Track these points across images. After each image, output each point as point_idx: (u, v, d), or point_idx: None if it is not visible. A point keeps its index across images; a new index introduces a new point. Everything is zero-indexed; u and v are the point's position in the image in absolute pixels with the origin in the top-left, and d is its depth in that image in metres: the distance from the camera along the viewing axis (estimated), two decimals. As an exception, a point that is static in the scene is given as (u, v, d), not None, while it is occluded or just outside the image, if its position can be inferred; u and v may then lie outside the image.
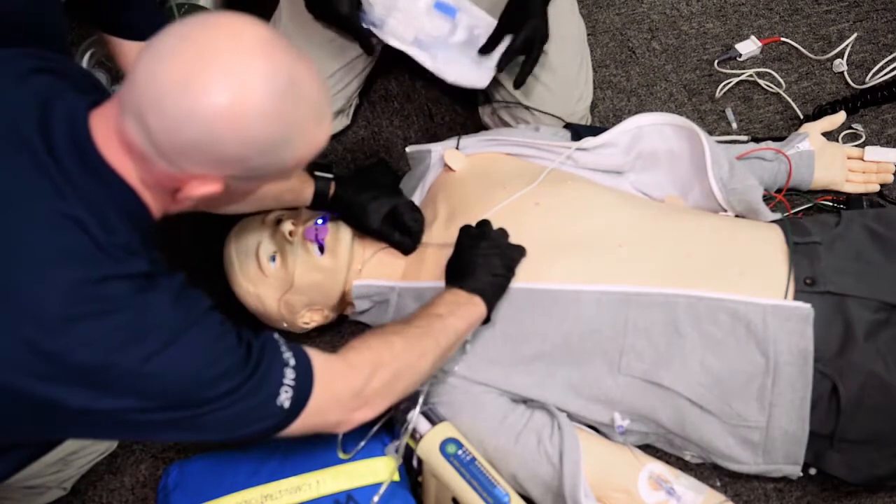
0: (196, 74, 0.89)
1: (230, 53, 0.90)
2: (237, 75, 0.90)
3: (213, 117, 0.89)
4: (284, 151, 0.96)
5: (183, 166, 0.93)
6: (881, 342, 1.31)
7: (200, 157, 0.92)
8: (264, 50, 0.92)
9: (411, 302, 1.40)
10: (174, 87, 0.89)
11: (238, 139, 0.91)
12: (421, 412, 1.31)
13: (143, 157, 0.94)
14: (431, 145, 1.59)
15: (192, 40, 0.91)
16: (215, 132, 0.90)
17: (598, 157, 1.55)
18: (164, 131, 0.90)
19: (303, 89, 0.94)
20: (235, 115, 0.90)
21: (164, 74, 0.89)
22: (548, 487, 1.33)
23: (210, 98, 0.89)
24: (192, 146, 0.91)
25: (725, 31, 1.96)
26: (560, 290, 1.34)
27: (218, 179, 0.95)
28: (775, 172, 1.63)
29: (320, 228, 1.42)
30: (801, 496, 1.44)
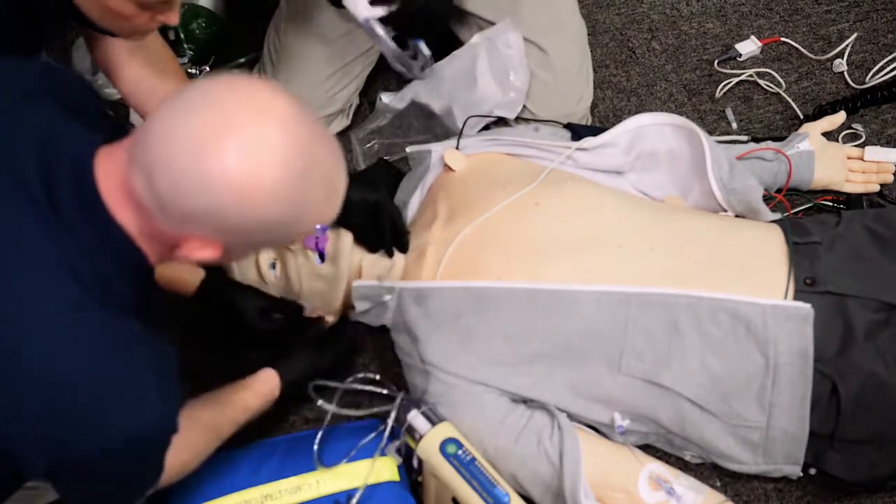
0: (212, 143, 0.87)
1: (251, 126, 0.88)
2: (255, 152, 0.87)
3: (223, 191, 0.87)
4: (290, 228, 0.95)
5: (185, 229, 0.92)
6: (881, 342, 1.31)
7: (204, 225, 0.91)
8: (286, 127, 0.89)
9: (411, 302, 1.40)
10: (188, 151, 0.87)
11: (246, 216, 0.89)
12: (421, 412, 1.31)
13: (146, 210, 0.92)
14: (431, 145, 1.59)
15: (214, 105, 0.88)
16: (223, 205, 0.88)
17: (598, 157, 1.55)
18: (171, 194, 0.89)
19: (318, 171, 0.93)
20: (247, 194, 0.88)
21: (180, 137, 0.87)
22: (548, 487, 1.33)
23: (224, 171, 0.87)
24: (198, 214, 0.89)
25: (725, 31, 1.95)
26: (560, 290, 1.34)
27: (218, 245, 0.94)
28: (775, 172, 1.63)
29: (320, 237, 1.42)
30: (801, 496, 1.44)
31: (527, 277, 1.36)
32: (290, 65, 1.71)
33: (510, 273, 1.37)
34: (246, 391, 1.29)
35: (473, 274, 1.38)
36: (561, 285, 1.35)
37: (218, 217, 0.89)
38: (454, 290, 1.37)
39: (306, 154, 0.90)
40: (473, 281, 1.37)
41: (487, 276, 1.37)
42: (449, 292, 1.37)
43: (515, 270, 1.37)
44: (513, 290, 1.35)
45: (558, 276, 1.36)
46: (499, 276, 1.37)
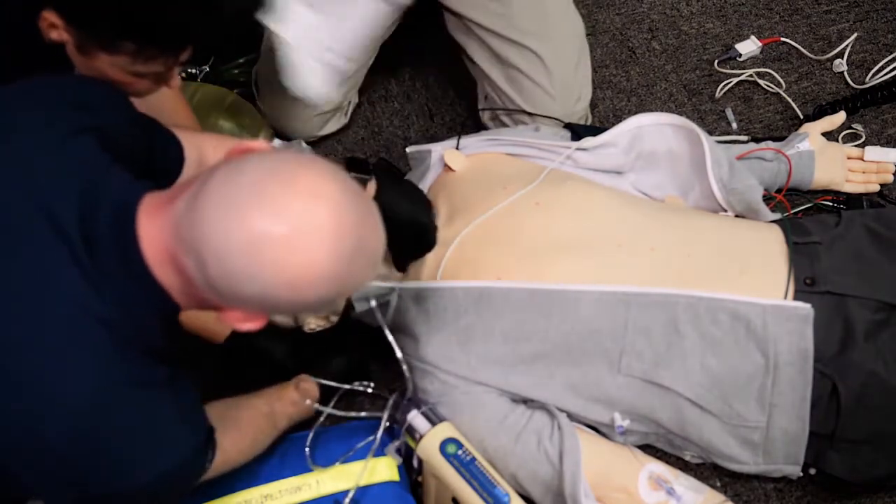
0: (266, 237, 0.87)
1: (302, 217, 0.88)
2: (306, 243, 0.88)
3: (275, 281, 0.89)
4: (335, 301, 0.99)
5: (231, 305, 0.94)
6: (881, 342, 1.31)
7: (254, 305, 0.93)
8: (336, 213, 0.89)
9: (411, 302, 1.40)
10: (242, 247, 0.87)
11: (296, 299, 0.91)
12: (421, 412, 1.31)
13: (192, 281, 0.93)
14: (431, 145, 1.59)
15: (265, 197, 0.88)
16: (275, 292, 0.90)
17: (598, 157, 1.55)
18: (222, 281, 0.90)
19: (365, 249, 0.93)
20: (298, 282, 0.89)
21: (233, 232, 0.88)
22: (548, 487, 1.33)
23: (276, 263, 0.88)
24: (250, 299, 0.91)
25: (725, 31, 1.96)
26: (560, 290, 1.34)
27: (263, 318, 0.96)
28: (775, 172, 1.63)
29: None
30: (801, 496, 1.44)
31: (527, 277, 1.36)
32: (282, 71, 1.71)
33: (510, 273, 1.37)
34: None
35: (473, 274, 1.38)
36: (561, 285, 1.35)
37: (269, 301, 0.91)
38: (454, 290, 1.37)
39: (354, 236, 0.91)
40: (473, 281, 1.37)
41: (487, 276, 1.37)
42: (449, 292, 1.37)
43: (515, 270, 1.37)
44: (513, 289, 1.35)
45: (558, 276, 1.36)
46: (499, 275, 1.37)
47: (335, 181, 0.92)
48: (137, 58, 1.08)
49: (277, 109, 1.77)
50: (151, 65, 1.10)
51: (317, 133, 1.80)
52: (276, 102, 1.76)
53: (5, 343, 0.90)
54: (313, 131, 1.79)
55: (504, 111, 1.68)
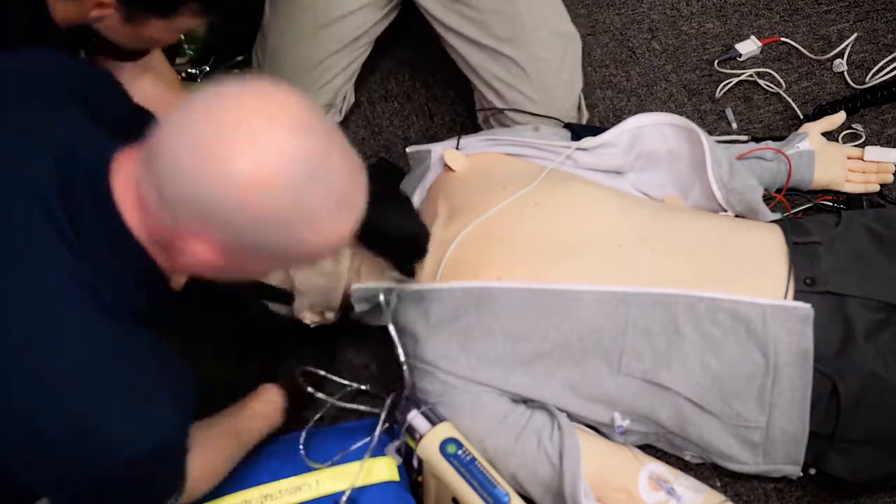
0: (219, 141, 0.85)
1: (261, 125, 0.86)
2: (262, 149, 0.85)
3: (225, 184, 0.85)
4: (295, 236, 0.90)
5: (186, 226, 0.90)
6: (881, 342, 1.31)
7: (205, 221, 0.88)
8: (297, 128, 0.87)
9: (411, 302, 1.40)
10: (195, 150, 0.86)
11: (246, 211, 0.86)
12: (421, 412, 1.31)
13: (151, 212, 0.91)
14: (431, 145, 1.59)
15: (226, 106, 0.87)
16: (224, 199, 0.86)
17: (598, 157, 1.55)
18: (171, 187, 0.87)
19: (329, 178, 0.89)
20: (248, 187, 0.85)
21: (188, 137, 0.86)
22: (548, 487, 1.33)
23: (228, 166, 0.85)
24: (198, 207, 0.87)
25: (725, 31, 1.95)
26: (560, 289, 1.34)
27: (214, 244, 0.90)
28: (775, 172, 1.63)
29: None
30: (801, 496, 1.44)
31: (527, 277, 1.36)
32: (272, 62, 1.72)
33: (510, 273, 1.37)
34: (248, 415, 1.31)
35: (473, 274, 1.38)
36: (561, 285, 1.35)
37: (219, 213, 0.87)
38: (454, 291, 1.37)
39: (316, 158, 0.87)
40: (474, 281, 1.37)
41: (487, 276, 1.37)
42: (449, 292, 1.37)
43: (515, 270, 1.37)
44: (513, 289, 1.35)
45: (558, 276, 1.36)
46: (499, 275, 1.37)
47: (305, 104, 0.89)
48: (197, 16, 1.14)
49: None
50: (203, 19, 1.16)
51: None
52: None
53: (4, 343, 0.90)
54: None
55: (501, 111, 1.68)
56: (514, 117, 1.68)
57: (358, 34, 1.71)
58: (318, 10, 1.67)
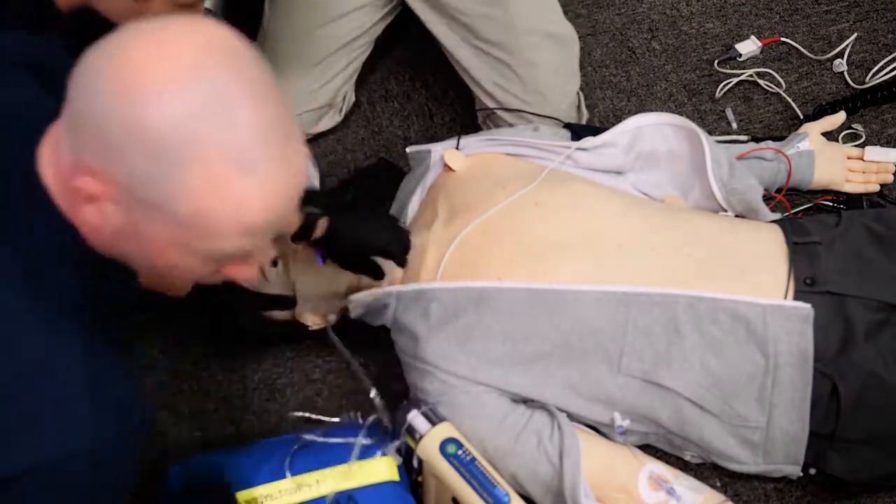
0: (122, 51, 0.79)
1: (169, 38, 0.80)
2: (163, 57, 0.78)
3: (111, 83, 0.78)
4: (174, 174, 0.79)
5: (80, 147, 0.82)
6: (881, 342, 1.31)
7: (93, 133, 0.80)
8: (208, 47, 0.80)
9: (411, 303, 1.40)
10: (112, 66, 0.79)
11: (128, 121, 0.78)
12: (421, 412, 1.31)
13: (58, 146, 0.84)
14: (431, 145, 1.59)
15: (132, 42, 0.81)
16: (110, 104, 0.78)
17: (597, 157, 1.55)
18: (76, 98, 0.81)
19: (230, 117, 0.79)
20: (133, 88, 0.77)
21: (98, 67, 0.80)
22: (548, 487, 1.33)
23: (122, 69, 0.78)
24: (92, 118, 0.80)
25: (725, 31, 1.96)
26: (560, 289, 1.34)
27: (105, 183, 0.81)
28: (775, 172, 1.63)
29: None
30: (801, 496, 1.44)
31: (527, 277, 1.36)
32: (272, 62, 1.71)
33: (510, 273, 1.37)
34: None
35: (473, 274, 1.38)
36: (561, 285, 1.35)
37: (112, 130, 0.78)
38: (454, 291, 1.37)
39: (219, 82, 0.79)
40: (473, 281, 1.37)
41: (488, 276, 1.37)
42: (449, 293, 1.37)
43: (515, 270, 1.37)
44: (513, 289, 1.35)
45: (558, 276, 1.36)
46: (499, 276, 1.37)
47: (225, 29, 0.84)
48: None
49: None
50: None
51: (310, 131, 1.80)
52: None
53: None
54: (306, 128, 1.79)
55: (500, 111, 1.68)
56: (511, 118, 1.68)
57: (357, 34, 1.71)
58: (318, 11, 1.67)
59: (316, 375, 1.58)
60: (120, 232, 0.85)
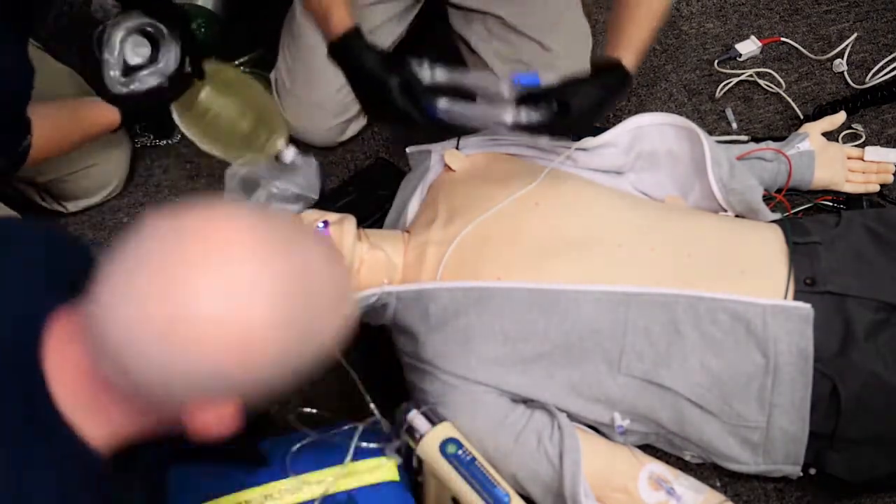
0: (182, 312, 0.71)
1: (216, 271, 0.72)
2: (232, 297, 0.71)
3: (211, 349, 0.72)
4: (305, 350, 0.78)
5: (183, 402, 0.76)
6: (881, 342, 1.31)
7: (204, 391, 0.75)
8: (255, 251, 0.73)
9: (411, 303, 1.40)
10: (153, 324, 0.71)
11: (251, 368, 0.74)
12: (421, 412, 1.31)
13: (121, 394, 0.76)
14: (431, 145, 1.59)
15: (163, 264, 0.72)
16: (220, 367, 0.73)
17: (597, 157, 1.55)
18: (151, 374, 0.73)
19: (313, 279, 0.77)
20: (242, 347, 0.72)
21: (137, 310, 0.71)
22: (548, 487, 1.33)
23: (202, 329, 0.71)
24: (193, 384, 0.74)
25: (725, 31, 1.96)
26: (560, 290, 1.34)
27: (230, 401, 0.77)
28: (775, 172, 1.63)
29: (323, 233, 1.42)
30: (801, 496, 1.44)
31: (527, 277, 1.36)
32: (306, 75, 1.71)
33: (510, 273, 1.37)
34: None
35: (473, 274, 1.38)
36: (561, 285, 1.35)
37: (216, 379, 0.74)
38: (454, 291, 1.37)
39: (288, 267, 0.75)
40: (473, 281, 1.37)
41: (487, 277, 1.37)
42: (449, 293, 1.37)
43: (515, 270, 1.37)
44: (513, 289, 1.35)
45: (558, 276, 1.36)
46: (499, 276, 1.37)
47: (250, 219, 0.75)
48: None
49: (299, 118, 1.76)
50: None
51: (338, 139, 1.81)
52: (298, 111, 1.75)
53: None
54: (335, 138, 1.80)
55: None
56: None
57: (386, 45, 1.72)
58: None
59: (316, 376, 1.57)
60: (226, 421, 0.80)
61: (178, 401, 0.75)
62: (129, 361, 0.72)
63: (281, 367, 0.77)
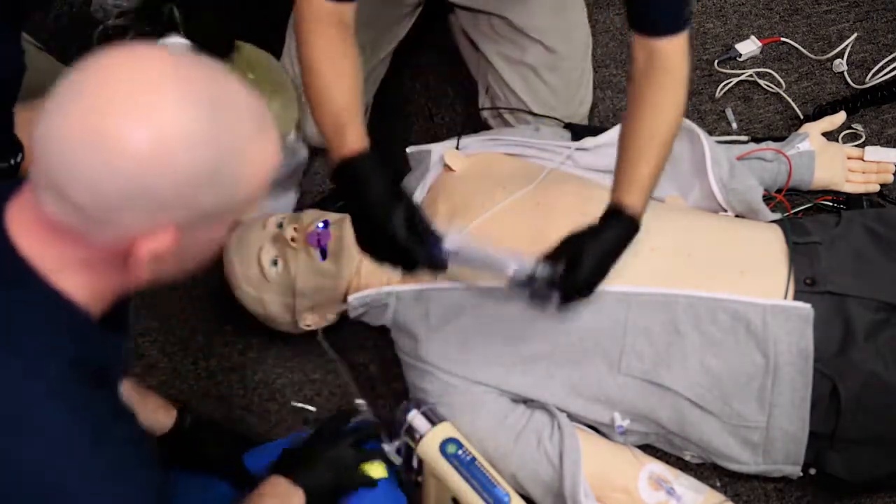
0: (99, 123, 0.77)
1: (133, 90, 0.78)
2: (145, 108, 0.78)
3: (136, 164, 0.77)
4: (231, 179, 0.82)
5: (121, 225, 0.80)
6: (881, 342, 1.31)
7: (138, 210, 0.80)
8: (172, 74, 0.80)
9: (411, 302, 1.40)
10: (80, 145, 0.77)
11: (173, 179, 0.79)
12: (421, 412, 1.31)
13: (75, 233, 0.81)
14: (431, 145, 1.59)
15: (87, 88, 0.79)
16: (145, 179, 0.78)
17: (598, 157, 1.55)
18: (86, 194, 0.78)
19: (229, 99, 0.82)
20: (162, 156, 0.78)
21: (67, 132, 0.78)
22: (548, 487, 1.33)
23: (126, 143, 0.77)
24: (125, 200, 0.79)
25: (725, 31, 1.95)
26: (560, 290, 1.34)
27: (167, 229, 0.81)
28: (775, 173, 1.63)
29: (322, 233, 1.42)
30: (801, 496, 1.44)
31: (527, 277, 1.36)
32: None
33: (510, 273, 1.37)
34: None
35: (473, 274, 1.38)
36: (561, 285, 1.35)
37: (145, 194, 0.79)
38: (454, 291, 1.37)
39: (208, 90, 0.81)
40: (473, 281, 1.37)
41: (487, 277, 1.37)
42: (449, 293, 1.37)
43: (515, 270, 1.37)
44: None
45: (558, 276, 1.36)
46: (499, 276, 1.37)
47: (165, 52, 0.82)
48: None
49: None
50: None
51: None
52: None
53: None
54: None
55: (506, 110, 1.68)
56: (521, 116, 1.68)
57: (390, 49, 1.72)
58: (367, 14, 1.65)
59: (316, 375, 1.58)
60: (175, 259, 0.86)
61: (121, 229, 0.80)
62: (64, 181, 0.78)
63: (206, 188, 0.81)
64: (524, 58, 1.66)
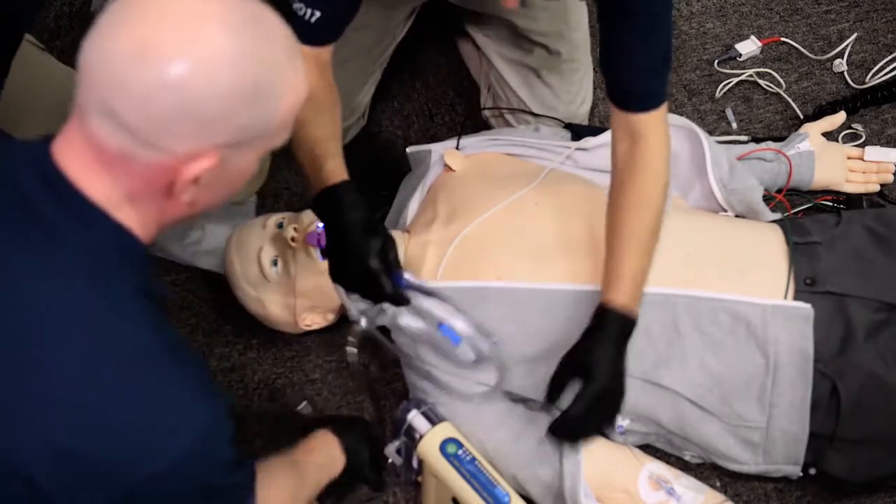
0: (148, 42, 0.81)
1: (180, 9, 0.83)
2: (191, 28, 0.82)
3: (182, 78, 0.81)
4: (268, 99, 0.87)
5: (168, 146, 0.84)
6: (881, 342, 1.31)
7: (184, 128, 0.84)
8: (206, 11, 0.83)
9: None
10: (130, 63, 0.81)
11: (216, 93, 0.83)
12: (421, 412, 1.31)
13: (122, 157, 0.85)
14: (431, 145, 1.59)
15: (136, 8, 0.83)
16: (191, 93, 0.82)
17: (598, 157, 1.55)
18: (136, 111, 0.82)
19: (266, 26, 0.86)
20: (206, 69, 0.82)
21: (115, 55, 0.82)
22: (548, 488, 1.33)
23: (172, 60, 0.81)
24: (172, 117, 0.83)
25: (725, 31, 1.95)
26: (560, 289, 1.34)
27: (210, 152, 0.85)
28: (775, 173, 1.63)
29: (322, 233, 1.41)
30: (801, 496, 1.44)
31: (527, 277, 1.36)
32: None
33: (510, 273, 1.37)
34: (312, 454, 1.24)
35: (473, 274, 1.38)
36: (561, 285, 1.35)
37: (192, 109, 0.83)
38: (454, 291, 1.37)
39: (249, 11, 0.85)
40: (473, 281, 1.37)
41: (487, 276, 1.37)
42: (449, 293, 1.37)
43: (516, 270, 1.37)
44: (513, 289, 1.35)
45: (558, 276, 1.36)
46: (499, 276, 1.37)
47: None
48: None
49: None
50: None
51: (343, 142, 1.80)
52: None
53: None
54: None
55: (507, 110, 1.68)
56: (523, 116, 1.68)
57: (380, 53, 1.72)
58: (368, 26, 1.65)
59: (316, 375, 1.58)
60: (211, 188, 0.90)
61: (167, 154, 0.84)
62: (115, 99, 0.82)
63: (247, 107, 0.85)
64: (525, 59, 1.66)
